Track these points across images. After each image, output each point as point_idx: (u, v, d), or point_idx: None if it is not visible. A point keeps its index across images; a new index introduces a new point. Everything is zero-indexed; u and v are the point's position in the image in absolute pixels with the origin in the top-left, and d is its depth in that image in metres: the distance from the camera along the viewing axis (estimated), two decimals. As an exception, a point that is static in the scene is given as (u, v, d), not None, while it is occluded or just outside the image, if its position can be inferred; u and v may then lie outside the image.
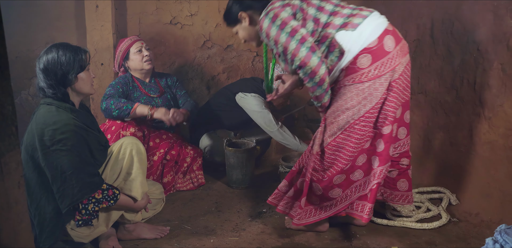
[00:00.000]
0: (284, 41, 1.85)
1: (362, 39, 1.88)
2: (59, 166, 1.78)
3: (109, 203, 1.90)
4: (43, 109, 1.86)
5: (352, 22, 1.90)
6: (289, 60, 1.88)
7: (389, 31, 1.93)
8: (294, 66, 1.88)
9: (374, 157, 2.04)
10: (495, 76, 2.24)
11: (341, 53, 1.91)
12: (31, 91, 3.41)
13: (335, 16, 1.93)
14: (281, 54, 1.92)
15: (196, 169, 2.85)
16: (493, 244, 1.69)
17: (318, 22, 1.92)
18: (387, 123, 1.96)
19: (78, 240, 1.94)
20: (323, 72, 1.86)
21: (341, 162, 2.02)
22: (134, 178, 2.01)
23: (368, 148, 2.03)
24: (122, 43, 2.84)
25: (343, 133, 1.99)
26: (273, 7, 1.91)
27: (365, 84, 1.91)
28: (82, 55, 1.91)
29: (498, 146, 2.23)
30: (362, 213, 2.09)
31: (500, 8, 2.16)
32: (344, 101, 1.95)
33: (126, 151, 2.00)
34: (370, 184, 2.05)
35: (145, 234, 2.17)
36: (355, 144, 1.99)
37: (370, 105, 1.93)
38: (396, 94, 1.95)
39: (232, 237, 2.19)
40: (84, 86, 1.95)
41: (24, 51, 3.31)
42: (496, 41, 2.21)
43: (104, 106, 2.59)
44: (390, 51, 1.90)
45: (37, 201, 1.85)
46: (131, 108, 2.58)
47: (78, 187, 1.80)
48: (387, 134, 1.98)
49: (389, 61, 1.90)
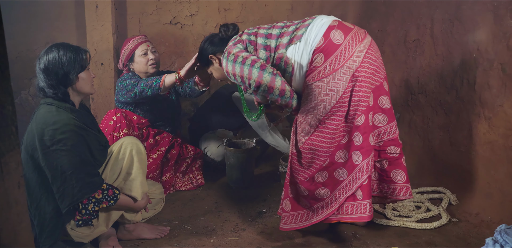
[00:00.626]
0: (239, 71, 1.98)
1: (309, 45, 1.97)
2: (59, 166, 1.78)
3: (109, 203, 1.90)
4: (43, 109, 1.86)
5: (296, 35, 2.01)
6: (248, 86, 1.99)
7: (333, 26, 1.98)
8: (253, 88, 1.98)
9: (355, 152, 2.02)
10: (495, 76, 2.24)
11: (293, 67, 2.01)
12: (31, 91, 3.41)
13: (281, 38, 2.04)
14: (242, 84, 2.03)
15: (196, 169, 2.85)
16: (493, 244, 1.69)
17: (269, 48, 2.04)
18: (359, 113, 1.98)
19: (78, 240, 1.94)
20: (279, 83, 1.96)
21: (318, 159, 2.05)
22: (134, 178, 2.01)
23: (346, 144, 2.03)
24: (128, 43, 2.79)
25: (316, 131, 2.03)
26: (227, 47, 2.09)
27: (323, 80, 1.96)
28: (82, 55, 1.91)
29: (498, 146, 2.23)
30: (362, 213, 2.05)
31: (500, 8, 2.16)
32: (309, 100, 2.01)
33: (126, 151, 2.00)
34: (358, 181, 2.03)
35: (145, 234, 2.16)
36: (329, 139, 2.02)
37: (334, 101, 1.97)
38: (363, 82, 1.97)
39: (232, 237, 2.19)
40: (85, 85, 1.95)
41: (24, 51, 3.30)
42: (496, 41, 2.21)
43: (137, 90, 2.54)
44: (340, 43, 1.95)
45: (37, 201, 1.85)
46: (159, 81, 2.52)
47: (78, 187, 1.80)
48: (361, 125, 1.99)
49: (342, 53, 1.95)
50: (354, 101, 1.96)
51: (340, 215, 2.09)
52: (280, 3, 3.60)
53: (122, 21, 3.31)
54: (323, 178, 2.06)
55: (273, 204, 2.56)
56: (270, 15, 3.61)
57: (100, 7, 3.10)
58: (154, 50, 2.82)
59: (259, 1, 3.55)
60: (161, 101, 2.83)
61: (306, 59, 1.98)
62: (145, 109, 2.78)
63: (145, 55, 2.76)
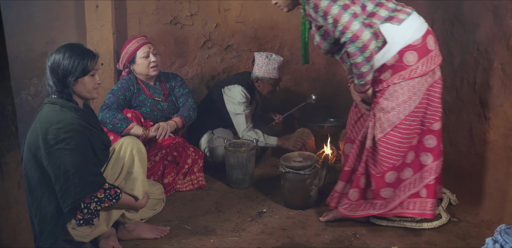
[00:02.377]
0: (336, 13, 1.86)
1: (407, 35, 1.95)
2: (62, 165, 1.79)
3: (111, 202, 1.91)
4: (47, 108, 1.87)
5: (397, 17, 1.97)
6: (338, 33, 1.89)
7: (430, 31, 2.01)
8: (345, 39, 1.88)
9: (424, 153, 2.11)
10: (495, 76, 2.24)
11: (384, 44, 1.95)
12: (31, 91, 3.41)
13: (380, 7, 1.98)
14: (329, 26, 1.90)
15: (197, 171, 2.84)
16: (493, 244, 1.69)
17: (365, 9, 1.96)
18: (437, 119, 2.05)
19: (79, 239, 1.94)
20: (373, 47, 1.89)
21: (392, 158, 2.07)
22: (135, 177, 2.01)
23: (416, 145, 2.09)
24: (129, 44, 2.76)
25: (393, 130, 2.04)
26: None
27: (415, 80, 1.98)
28: (88, 60, 1.89)
29: (498, 146, 2.23)
30: (424, 210, 2.12)
31: (500, 8, 2.16)
32: (395, 98, 2.01)
33: (127, 150, 2.01)
34: (425, 180, 2.11)
35: (145, 234, 2.17)
36: (405, 139, 2.05)
37: (418, 100, 2.01)
38: (439, 88, 2.05)
39: (232, 237, 2.19)
40: (84, 90, 1.93)
41: (24, 51, 3.30)
42: (496, 41, 2.21)
43: (100, 117, 2.55)
44: (432, 49, 1.99)
45: (38, 200, 1.85)
46: (125, 128, 2.54)
47: (81, 186, 1.80)
48: (437, 130, 2.07)
49: (433, 58, 1.99)
50: (433, 106, 2.05)
51: (398, 210, 2.16)
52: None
53: (122, 21, 3.31)
54: (393, 178, 2.12)
55: (273, 204, 2.56)
56: (270, 15, 3.61)
57: (100, 7, 3.10)
58: (156, 52, 2.79)
59: (259, 1, 3.55)
60: (160, 103, 2.83)
61: (398, 46, 1.95)
62: (145, 111, 2.78)
63: (146, 58, 2.73)
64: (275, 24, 3.64)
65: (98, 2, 3.09)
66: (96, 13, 3.11)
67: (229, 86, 3.05)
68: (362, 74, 1.96)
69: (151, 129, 2.59)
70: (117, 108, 2.63)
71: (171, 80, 2.94)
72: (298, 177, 2.44)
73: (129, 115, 2.62)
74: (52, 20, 3.26)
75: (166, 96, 2.87)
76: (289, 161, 2.53)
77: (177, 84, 2.93)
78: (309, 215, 2.41)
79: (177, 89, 2.92)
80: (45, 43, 3.31)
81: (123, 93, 2.69)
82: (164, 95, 2.86)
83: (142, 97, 2.78)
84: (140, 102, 2.76)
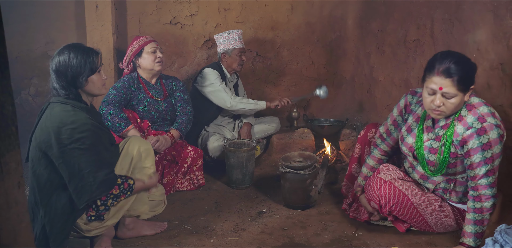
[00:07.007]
0: (498, 151, 1.93)
1: None
2: (77, 164, 1.81)
3: (126, 195, 1.96)
4: (58, 107, 1.88)
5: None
6: (490, 166, 1.94)
7: None
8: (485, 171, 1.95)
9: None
10: (495, 76, 2.24)
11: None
12: (31, 91, 3.41)
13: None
14: (482, 158, 1.93)
15: (197, 169, 2.85)
16: (493, 244, 1.69)
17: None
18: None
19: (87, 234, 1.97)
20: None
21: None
22: (144, 167, 2.06)
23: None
24: (137, 40, 2.81)
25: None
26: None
27: None
28: (93, 58, 1.92)
29: (498, 146, 2.22)
30: None
31: (500, 8, 2.16)
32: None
33: (134, 148, 2.05)
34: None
35: (145, 231, 2.18)
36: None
37: None
38: None
39: (232, 237, 2.19)
40: (94, 88, 1.97)
41: (24, 51, 3.31)
42: (496, 41, 2.21)
43: (103, 112, 2.56)
44: None
45: (47, 197, 1.87)
46: (123, 129, 2.54)
47: (96, 185, 1.83)
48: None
49: None
50: None
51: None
52: (280, 3, 3.60)
53: (122, 21, 3.31)
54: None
55: (273, 204, 2.56)
56: (270, 15, 3.61)
57: (100, 7, 3.10)
58: (162, 51, 2.85)
59: (259, 1, 3.55)
60: (159, 103, 2.84)
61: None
62: (142, 110, 2.78)
63: (153, 53, 2.78)
64: (275, 24, 3.65)
65: (98, 2, 3.09)
66: (96, 13, 3.11)
67: (197, 76, 3.16)
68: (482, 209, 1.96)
69: (149, 138, 2.59)
70: (120, 106, 2.65)
71: (173, 82, 2.96)
72: (298, 177, 2.44)
73: (125, 115, 2.63)
74: (52, 20, 3.26)
75: (166, 96, 2.88)
76: (289, 161, 2.52)
77: (179, 88, 2.95)
78: (309, 215, 2.41)
79: (177, 93, 2.94)
80: (45, 43, 3.31)
81: (125, 91, 2.72)
82: (163, 95, 2.86)
83: (141, 96, 2.78)
84: (138, 100, 2.77)
